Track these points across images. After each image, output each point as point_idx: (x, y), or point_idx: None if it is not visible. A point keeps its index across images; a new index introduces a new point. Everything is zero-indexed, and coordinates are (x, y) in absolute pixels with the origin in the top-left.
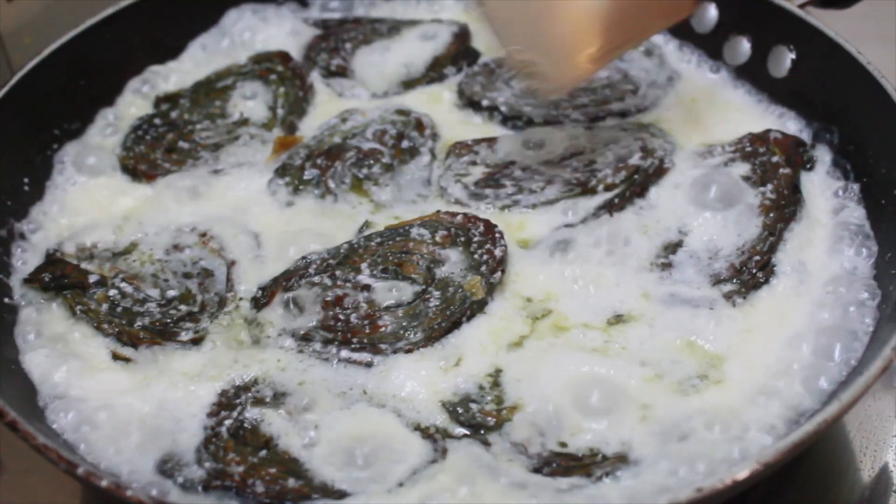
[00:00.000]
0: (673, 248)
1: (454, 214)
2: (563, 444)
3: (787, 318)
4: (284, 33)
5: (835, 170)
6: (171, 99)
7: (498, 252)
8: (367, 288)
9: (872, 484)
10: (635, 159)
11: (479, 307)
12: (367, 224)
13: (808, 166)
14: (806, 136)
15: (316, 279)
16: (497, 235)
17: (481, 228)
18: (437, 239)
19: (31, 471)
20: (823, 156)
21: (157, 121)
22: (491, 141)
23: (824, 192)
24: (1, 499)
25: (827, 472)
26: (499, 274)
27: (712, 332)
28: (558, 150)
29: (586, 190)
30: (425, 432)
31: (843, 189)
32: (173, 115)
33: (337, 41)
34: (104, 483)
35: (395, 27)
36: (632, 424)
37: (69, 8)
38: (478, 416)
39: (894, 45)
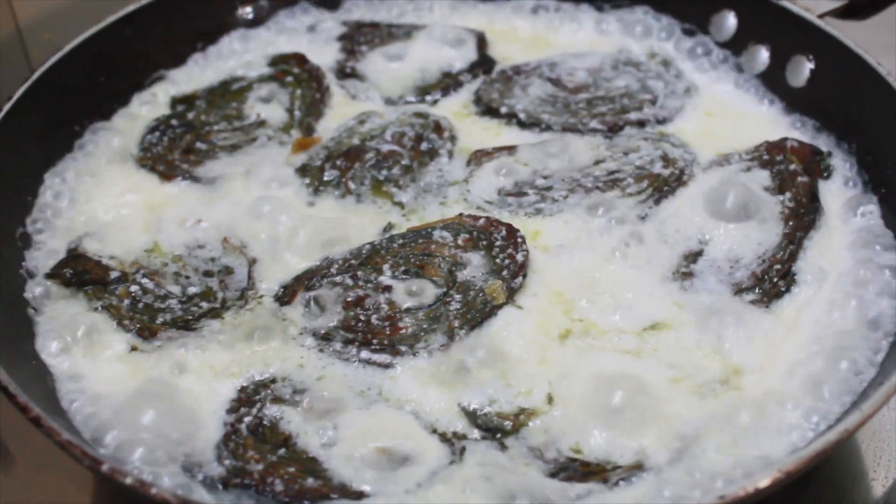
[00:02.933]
0: (693, 257)
1: (476, 218)
2: (578, 451)
3: (808, 326)
4: (301, 34)
5: (853, 179)
6: (187, 100)
7: (520, 257)
8: (388, 289)
9: (886, 496)
10: (657, 168)
11: (498, 310)
12: (389, 225)
13: (826, 175)
14: (824, 146)
15: (338, 279)
16: (519, 240)
17: (503, 233)
18: (460, 242)
19: (42, 466)
20: (841, 165)
21: (173, 122)
22: (511, 149)
23: (843, 201)
24: (12, 494)
25: (838, 485)
26: (520, 279)
27: (734, 340)
28: (580, 159)
29: (609, 198)
30: (443, 436)
31: (861, 199)
32: (190, 116)
33: (353, 43)
34: (129, 480)
35: (411, 32)
36: (651, 430)
37: (89, 4)
38: (495, 420)
39: None
